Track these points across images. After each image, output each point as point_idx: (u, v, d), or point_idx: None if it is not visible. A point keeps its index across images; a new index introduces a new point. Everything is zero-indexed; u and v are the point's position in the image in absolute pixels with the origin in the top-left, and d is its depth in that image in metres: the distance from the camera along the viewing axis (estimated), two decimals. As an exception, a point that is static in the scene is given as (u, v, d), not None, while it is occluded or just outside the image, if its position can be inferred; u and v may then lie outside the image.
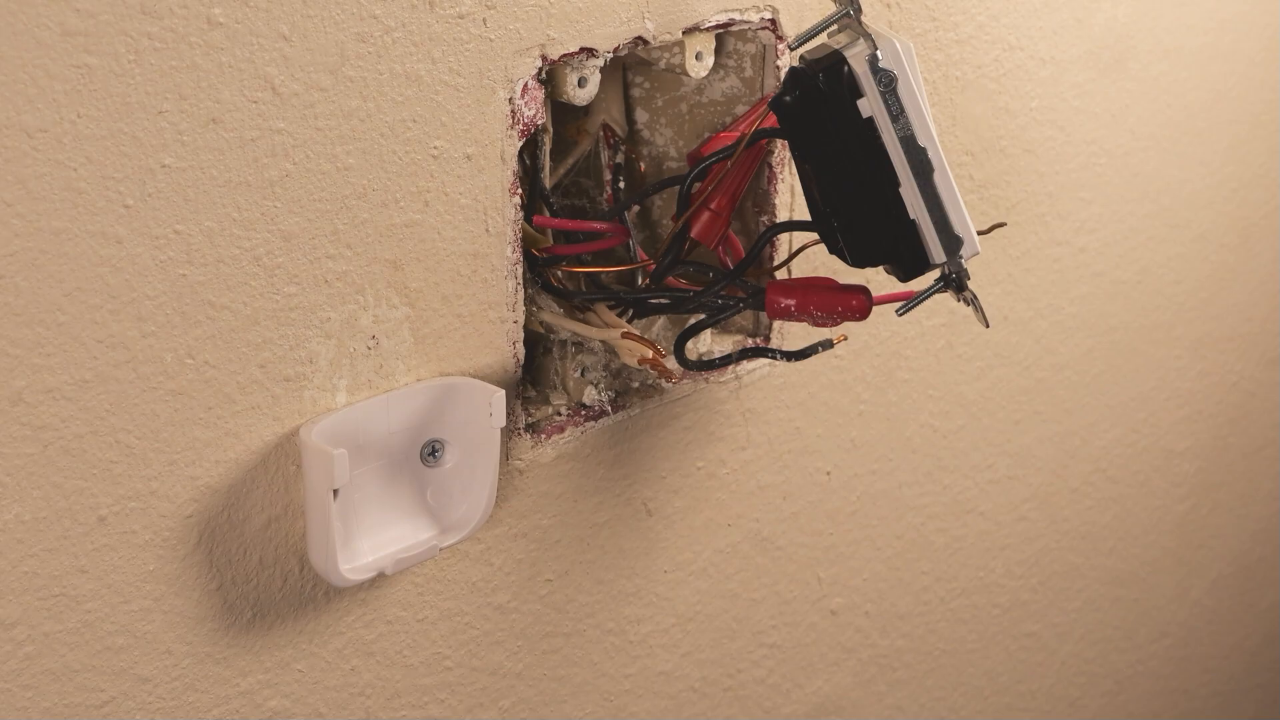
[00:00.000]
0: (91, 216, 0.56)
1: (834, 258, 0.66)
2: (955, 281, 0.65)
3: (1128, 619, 1.21)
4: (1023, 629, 1.11)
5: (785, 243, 0.78)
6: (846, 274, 0.70)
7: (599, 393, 0.75)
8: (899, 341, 0.91)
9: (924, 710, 1.06)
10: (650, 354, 0.69)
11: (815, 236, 0.67)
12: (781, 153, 0.76)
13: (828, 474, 0.90)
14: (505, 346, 0.69)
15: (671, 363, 0.72)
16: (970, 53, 0.87)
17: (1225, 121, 1.08)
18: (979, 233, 0.65)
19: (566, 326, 0.72)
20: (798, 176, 0.73)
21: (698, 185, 0.71)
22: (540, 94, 0.67)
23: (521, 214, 0.68)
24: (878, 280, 0.70)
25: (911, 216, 0.63)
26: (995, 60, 0.89)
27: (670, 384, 0.78)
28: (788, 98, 0.63)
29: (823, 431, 0.88)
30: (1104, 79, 0.97)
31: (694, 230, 0.72)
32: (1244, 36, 1.07)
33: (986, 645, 1.09)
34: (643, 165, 0.78)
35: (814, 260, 0.78)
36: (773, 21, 0.74)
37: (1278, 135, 1.13)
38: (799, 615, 0.92)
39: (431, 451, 0.68)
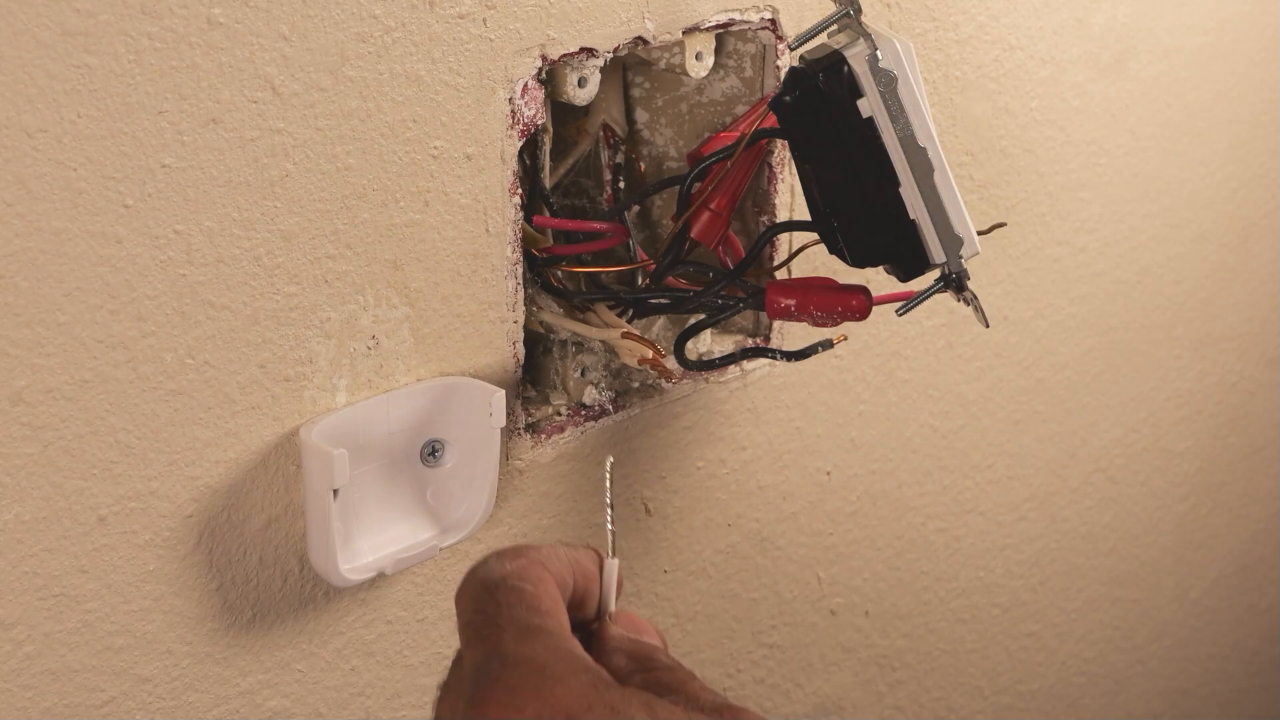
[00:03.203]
0: (91, 216, 0.56)
1: (834, 258, 0.66)
2: (955, 281, 0.65)
3: (1128, 619, 1.21)
4: (1023, 629, 1.11)
5: (785, 243, 0.78)
6: (846, 274, 0.70)
7: (599, 393, 0.75)
8: (899, 341, 0.91)
9: (924, 710, 1.06)
10: (650, 354, 0.69)
11: (815, 236, 0.67)
12: (781, 153, 0.76)
13: (828, 474, 0.90)
14: (505, 346, 0.69)
15: (671, 363, 0.72)
16: (970, 53, 0.87)
17: (1225, 121, 1.08)
18: (979, 233, 0.65)
19: (566, 326, 0.72)
20: (798, 176, 0.73)
21: (698, 185, 0.71)
22: (540, 94, 0.67)
23: (521, 214, 0.68)
24: (878, 280, 0.70)
25: (911, 216, 0.63)
26: (995, 60, 0.89)
27: (670, 384, 0.77)
28: (788, 98, 0.63)
29: (823, 431, 0.88)
30: (1104, 79, 0.97)
31: (694, 230, 0.72)
32: (1244, 36, 1.07)
33: (986, 645, 1.09)
34: (643, 165, 0.78)
35: (814, 260, 0.78)
36: (773, 21, 0.74)
37: (1278, 135, 1.13)
38: (799, 615, 0.92)
39: (431, 451, 0.68)
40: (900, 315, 0.67)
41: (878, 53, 0.61)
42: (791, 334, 0.82)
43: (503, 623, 0.53)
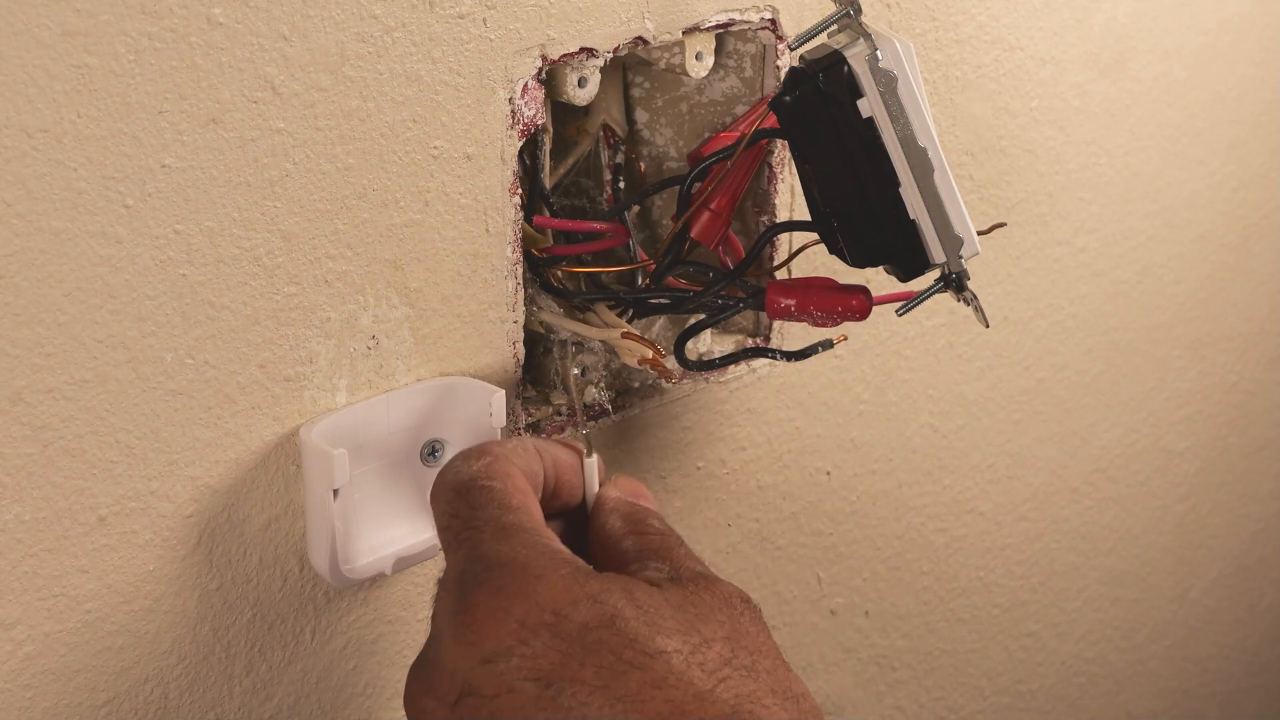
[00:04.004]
0: (91, 216, 0.56)
1: (833, 258, 0.66)
2: (955, 281, 0.65)
3: (1128, 619, 1.21)
4: (1023, 629, 1.11)
5: (785, 243, 0.78)
6: (846, 274, 0.70)
7: (599, 393, 0.75)
8: (899, 341, 0.91)
9: (924, 710, 1.06)
10: (650, 354, 0.69)
11: (815, 236, 0.67)
12: (781, 153, 0.76)
13: (828, 474, 0.90)
14: (505, 346, 0.70)
15: (671, 363, 0.72)
16: (970, 53, 0.87)
17: (1225, 121, 1.08)
18: (979, 233, 0.65)
19: (566, 326, 0.72)
20: (797, 176, 0.73)
21: (697, 185, 0.71)
22: (540, 94, 0.67)
23: (521, 214, 0.68)
24: (877, 280, 0.70)
25: (911, 216, 0.63)
26: (995, 60, 0.89)
27: (670, 384, 0.77)
28: (787, 98, 0.63)
29: (823, 431, 0.88)
30: (1104, 79, 0.97)
31: (694, 230, 0.72)
32: (1244, 36, 1.07)
33: (986, 645, 1.09)
34: (643, 165, 0.78)
35: (814, 260, 0.78)
36: (773, 21, 0.74)
37: (1278, 135, 1.13)
38: (799, 615, 0.92)
39: (431, 451, 0.68)
40: (900, 315, 0.67)
41: (878, 53, 0.61)
42: (791, 334, 0.82)
43: (479, 524, 0.55)
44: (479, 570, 0.54)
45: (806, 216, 0.67)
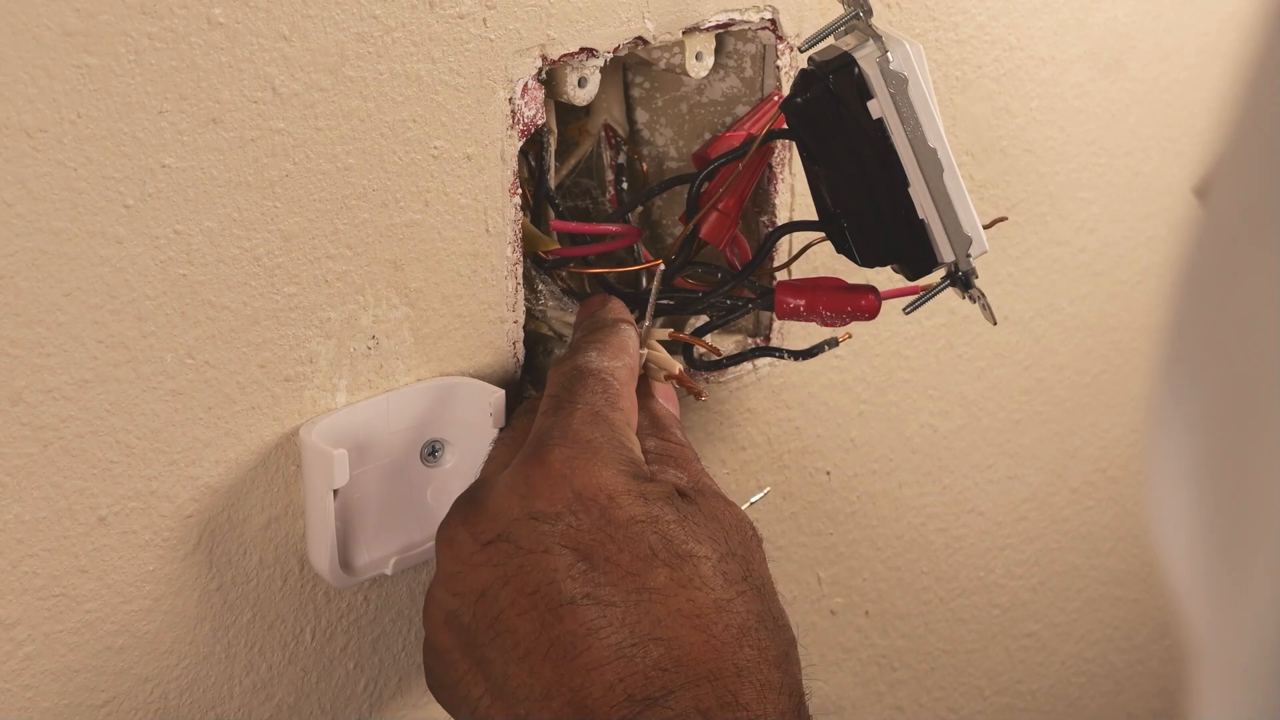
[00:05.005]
0: (91, 216, 0.55)
1: (835, 257, 0.66)
2: (963, 279, 0.65)
3: (1128, 619, 1.21)
4: (1023, 629, 1.11)
5: (785, 243, 0.78)
6: (849, 273, 0.70)
7: (599, 393, 0.75)
8: (899, 341, 0.91)
9: (924, 710, 1.06)
10: (679, 369, 0.68)
11: (818, 236, 0.67)
12: (781, 153, 0.76)
13: (828, 474, 0.90)
14: (505, 347, 0.69)
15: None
16: (970, 53, 0.87)
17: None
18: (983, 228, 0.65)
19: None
20: (802, 177, 0.73)
21: (706, 186, 0.71)
22: (540, 94, 0.67)
23: (523, 214, 0.68)
24: (880, 279, 0.70)
25: (921, 216, 0.63)
26: (995, 60, 0.88)
27: (700, 400, 0.76)
28: (798, 99, 0.63)
29: (823, 431, 0.88)
30: (1104, 79, 0.97)
31: (703, 231, 0.72)
32: (1244, 36, 1.06)
33: (986, 645, 1.09)
34: (644, 166, 0.78)
35: (815, 260, 0.78)
36: (773, 22, 0.74)
37: (1278, 135, 1.13)
38: (799, 615, 0.92)
39: (432, 451, 0.68)
40: (908, 313, 0.67)
41: (888, 54, 0.61)
42: (791, 333, 0.82)
43: (580, 404, 0.61)
44: (557, 436, 0.58)
45: (806, 217, 0.67)
